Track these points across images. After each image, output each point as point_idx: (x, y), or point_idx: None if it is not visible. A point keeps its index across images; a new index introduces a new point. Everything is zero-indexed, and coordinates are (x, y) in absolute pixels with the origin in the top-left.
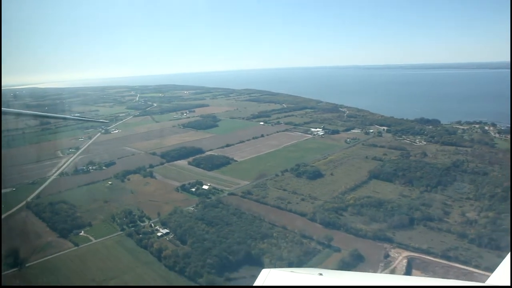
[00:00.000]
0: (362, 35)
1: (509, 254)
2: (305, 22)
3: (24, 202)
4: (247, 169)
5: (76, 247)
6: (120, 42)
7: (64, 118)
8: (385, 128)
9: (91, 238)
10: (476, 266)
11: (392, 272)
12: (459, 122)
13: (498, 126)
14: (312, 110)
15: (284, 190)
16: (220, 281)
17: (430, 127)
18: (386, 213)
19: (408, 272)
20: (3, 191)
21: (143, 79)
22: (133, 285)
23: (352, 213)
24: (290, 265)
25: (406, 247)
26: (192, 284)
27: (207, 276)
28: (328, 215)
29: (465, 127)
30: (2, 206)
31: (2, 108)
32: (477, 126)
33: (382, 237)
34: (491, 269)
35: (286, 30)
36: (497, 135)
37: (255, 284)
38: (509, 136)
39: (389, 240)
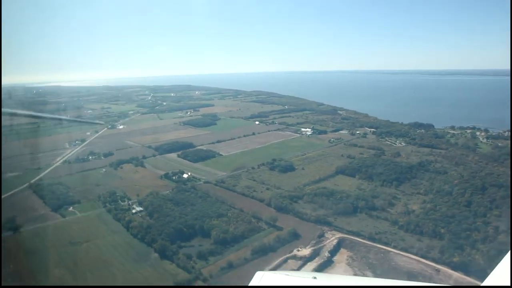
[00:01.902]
0: (384, 41)
1: (507, 254)
2: (331, 26)
3: (27, 184)
4: (229, 162)
5: (63, 218)
6: (146, 43)
7: (60, 119)
8: (373, 130)
9: (77, 212)
10: (394, 247)
11: (320, 248)
12: (452, 127)
13: (490, 132)
14: (311, 112)
15: (254, 180)
16: (171, 247)
17: (422, 131)
18: (335, 202)
19: (335, 249)
20: (12, 174)
21: (162, 79)
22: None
23: (306, 201)
24: (235, 238)
25: (341, 230)
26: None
27: (161, 242)
28: (283, 202)
29: (457, 132)
30: (10, 186)
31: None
32: (469, 131)
33: (323, 221)
34: (407, 249)
35: (313, 34)
36: (484, 140)
37: (249, 286)
38: (495, 141)
39: (329, 224)
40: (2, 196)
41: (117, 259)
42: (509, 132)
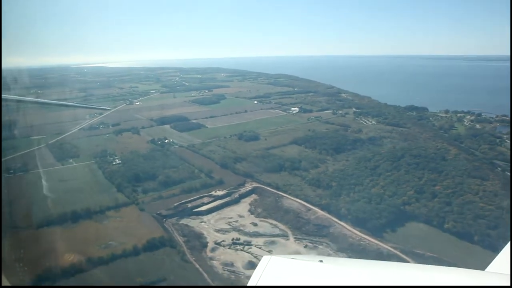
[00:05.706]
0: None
1: (508, 245)
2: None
3: (45, 144)
4: (209, 133)
5: (62, 166)
6: (194, 25)
7: (66, 105)
8: (357, 110)
9: (74, 163)
10: (289, 194)
11: (233, 192)
12: (446, 111)
13: (482, 116)
14: (314, 94)
15: (219, 146)
16: (125, 185)
17: (413, 113)
18: (268, 162)
19: (247, 194)
20: (36, 137)
21: (202, 61)
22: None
23: (248, 161)
24: (174, 182)
25: (260, 182)
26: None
27: (119, 181)
28: (228, 160)
29: (447, 115)
30: (32, 145)
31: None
32: (459, 115)
33: (249, 174)
34: (298, 196)
35: (367, 18)
36: (468, 123)
37: (256, 270)
38: (478, 124)
39: (252, 177)
40: (25, 151)
41: (87, 190)
42: (501, 117)
